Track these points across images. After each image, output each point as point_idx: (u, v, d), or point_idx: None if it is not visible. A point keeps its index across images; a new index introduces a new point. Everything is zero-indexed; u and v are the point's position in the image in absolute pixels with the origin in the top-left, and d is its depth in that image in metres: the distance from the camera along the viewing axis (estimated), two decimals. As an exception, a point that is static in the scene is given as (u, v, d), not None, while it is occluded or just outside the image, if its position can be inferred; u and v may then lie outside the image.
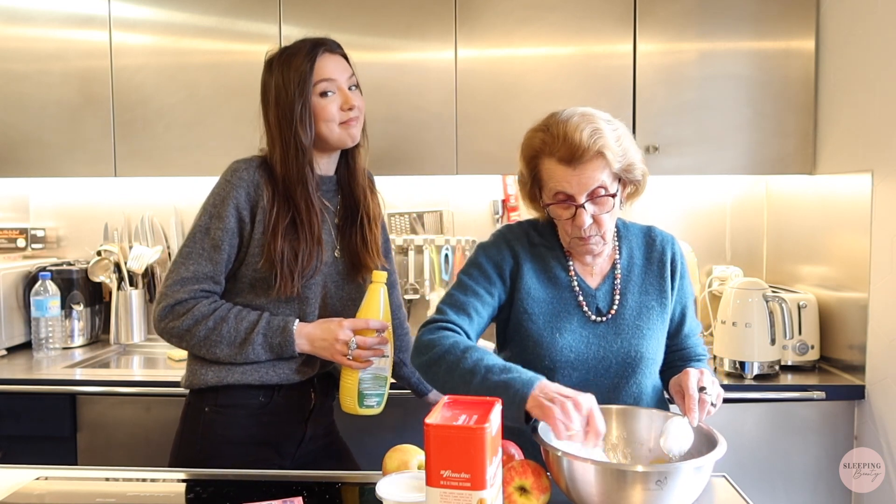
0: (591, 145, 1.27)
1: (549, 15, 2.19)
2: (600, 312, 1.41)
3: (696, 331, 1.51)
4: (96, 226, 2.61)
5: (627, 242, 1.47)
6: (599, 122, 1.30)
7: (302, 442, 1.56)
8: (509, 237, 1.46)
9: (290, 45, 1.52)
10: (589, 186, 1.30)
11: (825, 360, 2.14)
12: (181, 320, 1.43)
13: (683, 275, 1.48)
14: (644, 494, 1.01)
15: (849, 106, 2.04)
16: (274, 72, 1.50)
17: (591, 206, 1.32)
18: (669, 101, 2.19)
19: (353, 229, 1.58)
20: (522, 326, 1.40)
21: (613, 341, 1.38)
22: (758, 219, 2.54)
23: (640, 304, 1.41)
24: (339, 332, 1.44)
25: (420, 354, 1.33)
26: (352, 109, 1.50)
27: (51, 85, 2.30)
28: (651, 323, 1.41)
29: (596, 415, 1.11)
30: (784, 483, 1.98)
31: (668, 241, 1.48)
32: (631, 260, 1.45)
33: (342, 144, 1.53)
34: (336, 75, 1.49)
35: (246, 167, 1.48)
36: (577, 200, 1.31)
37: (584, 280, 1.43)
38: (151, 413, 2.03)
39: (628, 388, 1.39)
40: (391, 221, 2.58)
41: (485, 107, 2.21)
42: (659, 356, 1.43)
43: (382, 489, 1.04)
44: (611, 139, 1.29)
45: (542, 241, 1.46)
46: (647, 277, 1.44)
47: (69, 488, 1.30)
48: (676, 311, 1.46)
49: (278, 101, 1.48)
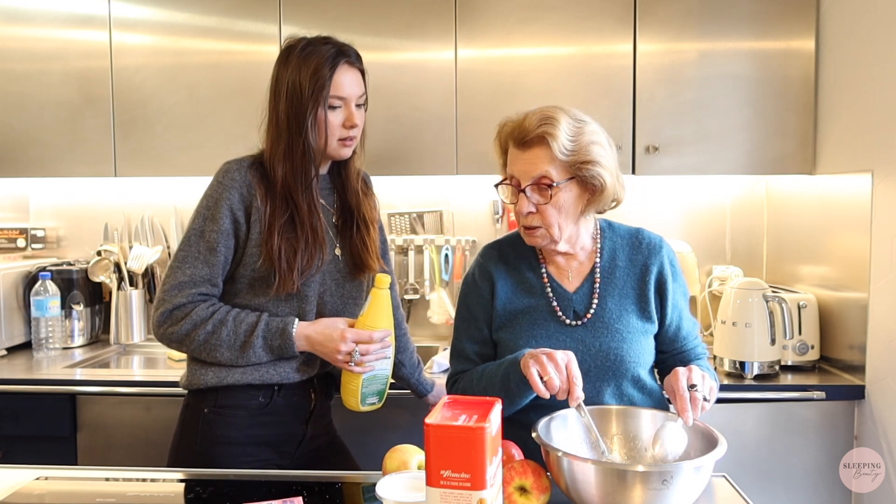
0: (536, 129, 1.31)
1: (549, 15, 2.19)
2: (577, 316, 1.41)
3: (695, 330, 1.50)
4: (96, 226, 2.61)
5: (611, 243, 1.46)
6: (561, 115, 1.33)
7: (302, 442, 1.56)
8: (484, 262, 1.50)
9: (312, 39, 1.50)
10: (531, 173, 1.33)
11: (825, 360, 2.14)
12: (179, 325, 1.43)
13: (676, 279, 1.45)
14: (645, 494, 1.01)
15: (849, 106, 2.04)
16: (290, 65, 1.47)
17: (533, 195, 1.34)
18: (669, 101, 2.19)
19: (351, 232, 1.58)
20: (501, 339, 1.43)
21: (591, 344, 1.38)
22: (758, 219, 2.54)
23: (620, 307, 1.40)
24: (341, 345, 1.43)
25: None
26: (353, 128, 1.50)
27: (51, 85, 2.30)
28: (631, 326, 1.39)
29: (573, 367, 1.20)
30: (784, 483, 1.98)
31: (655, 246, 1.46)
32: (613, 262, 1.44)
33: (334, 157, 1.54)
34: (349, 92, 1.49)
35: (238, 168, 1.48)
36: (521, 185, 1.34)
37: (560, 284, 1.43)
38: (151, 413, 2.03)
39: (611, 390, 1.38)
40: (391, 221, 2.58)
41: (485, 107, 2.21)
42: (643, 359, 1.40)
43: (382, 489, 1.04)
44: (562, 130, 1.31)
45: (514, 253, 1.48)
46: (628, 281, 1.43)
47: (69, 488, 1.30)
48: (674, 315, 1.44)
49: (290, 99, 1.46)
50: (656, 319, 1.43)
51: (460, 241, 2.55)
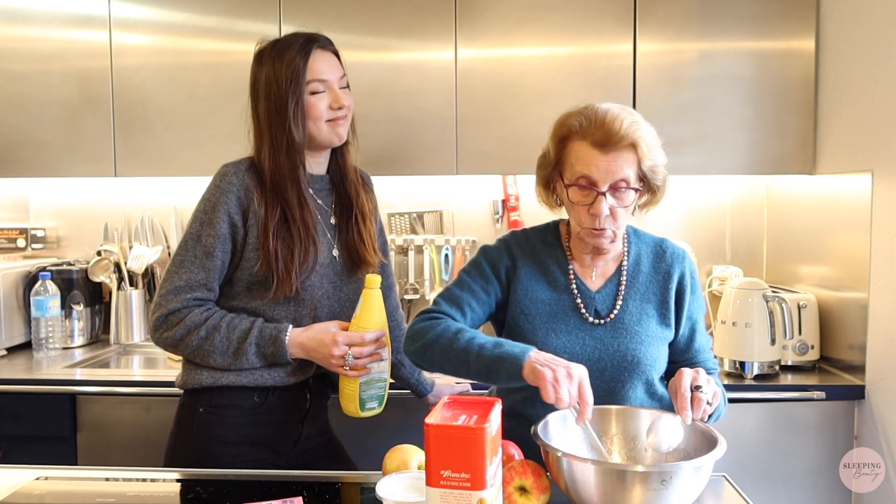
0: (627, 134, 1.29)
1: (549, 15, 2.19)
2: (599, 315, 1.41)
3: (707, 346, 1.50)
4: (96, 226, 2.61)
5: (636, 248, 1.47)
6: (638, 117, 1.34)
7: (297, 442, 1.56)
8: (510, 241, 1.48)
9: (281, 37, 1.51)
10: (615, 176, 1.30)
11: (825, 360, 2.14)
12: (174, 330, 1.43)
13: (694, 291, 1.46)
14: (644, 495, 1.01)
15: (849, 106, 2.04)
16: (265, 64, 1.48)
17: (610, 198, 1.32)
18: (669, 101, 2.19)
19: (349, 226, 1.58)
20: (518, 326, 1.41)
21: (610, 344, 1.38)
22: (758, 219, 2.54)
23: (641, 311, 1.41)
24: (333, 349, 1.43)
25: (413, 342, 1.35)
26: (341, 108, 1.50)
27: (51, 85, 2.30)
28: (650, 330, 1.40)
29: (586, 385, 1.15)
30: (784, 483, 1.98)
31: (679, 257, 1.47)
32: (637, 266, 1.45)
33: (329, 143, 1.53)
34: (328, 75, 1.49)
35: (235, 171, 1.48)
36: (599, 188, 1.31)
37: (583, 282, 1.43)
38: (151, 413, 2.03)
39: (623, 392, 1.38)
40: (391, 221, 2.58)
41: (485, 107, 2.21)
42: (658, 364, 1.41)
43: (382, 489, 1.04)
44: (647, 135, 1.32)
45: (543, 245, 1.46)
46: (650, 286, 1.44)
47: (69, 488, 1.30)
48: (686, 328, 1.45)
49: (269, 95, 1.47)
50: (674, 328, 1.44)
51: (460, 241, 2.55)
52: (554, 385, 1.13)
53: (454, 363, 1.29)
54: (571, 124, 1.34)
